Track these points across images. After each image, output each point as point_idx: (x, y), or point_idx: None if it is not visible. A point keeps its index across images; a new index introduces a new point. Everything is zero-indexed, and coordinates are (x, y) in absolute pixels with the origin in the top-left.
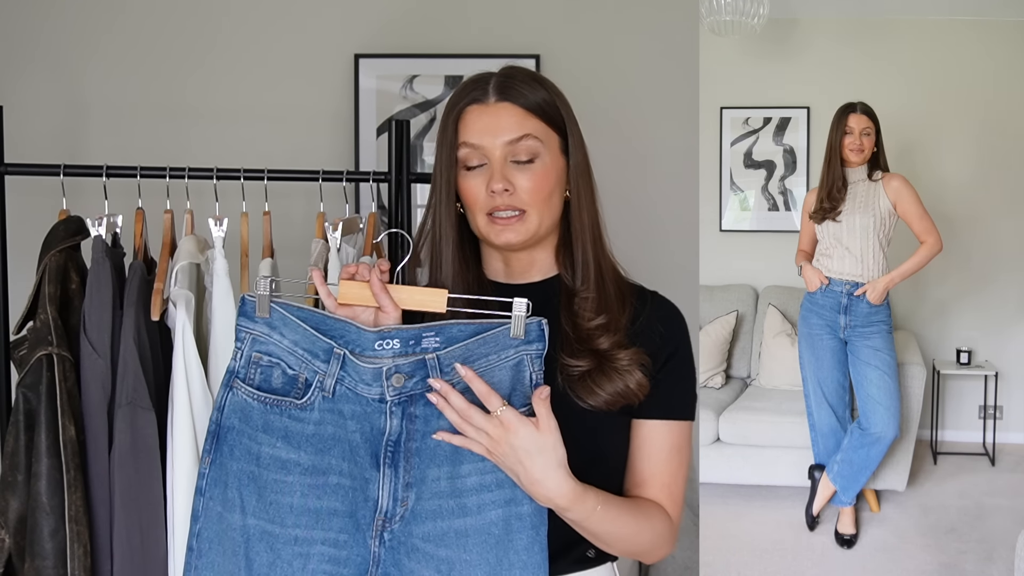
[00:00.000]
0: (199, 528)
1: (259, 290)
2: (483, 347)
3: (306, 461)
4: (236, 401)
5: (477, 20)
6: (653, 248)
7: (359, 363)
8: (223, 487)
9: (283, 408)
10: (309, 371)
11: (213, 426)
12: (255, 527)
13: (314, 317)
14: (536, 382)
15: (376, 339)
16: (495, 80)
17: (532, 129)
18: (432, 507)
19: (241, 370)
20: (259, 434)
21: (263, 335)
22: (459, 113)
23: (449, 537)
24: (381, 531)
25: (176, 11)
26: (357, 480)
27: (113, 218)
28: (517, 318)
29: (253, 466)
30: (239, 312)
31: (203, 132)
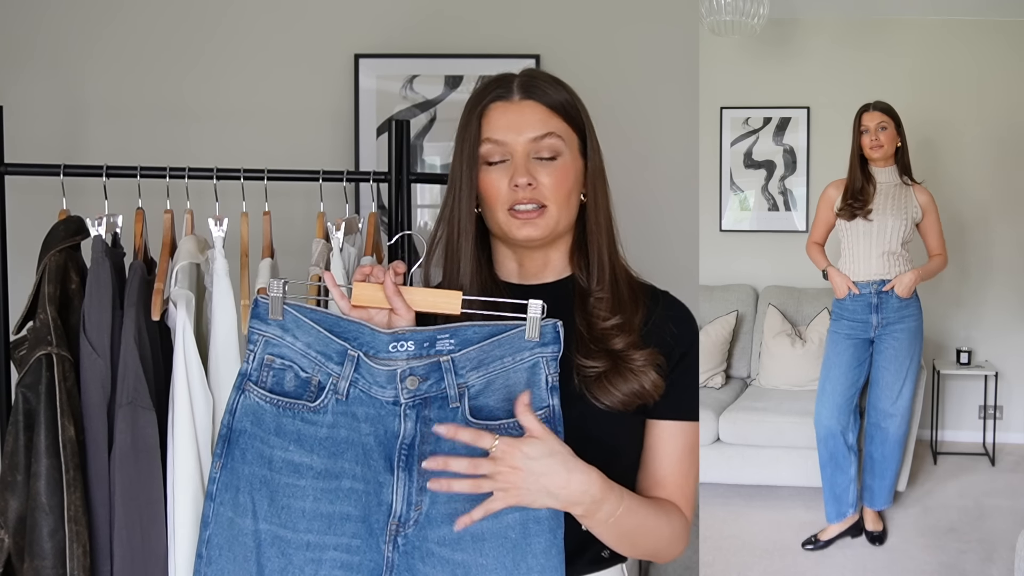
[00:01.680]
0: (209, 534)
1: (272, 292)
2: (498, 349)
3: (319, 465)
4: (248, 404)
5: (477, 20)
6: (653, 248)
7: (373, 365)
8: (235, 491)
9: (296, 411)
10: (322, 374)
11: (224, 430)
12: (267, 532)
13: (328, 319)
14: (552, 385)
15: (390, 341)
16: (519, 79)
17: (555, 127)
18: (447, 511)
19: (253, 373)
20: (271, 437)
21: (276, 337)
22: (483, 110)
23: (465, 541)
24: (395, 536)
25: (176, 11)
26: (371, 484)
27: (113, 218)
28: (532, 320)
29: (265, 470)
30: (251, 314)
31: (203, 132)
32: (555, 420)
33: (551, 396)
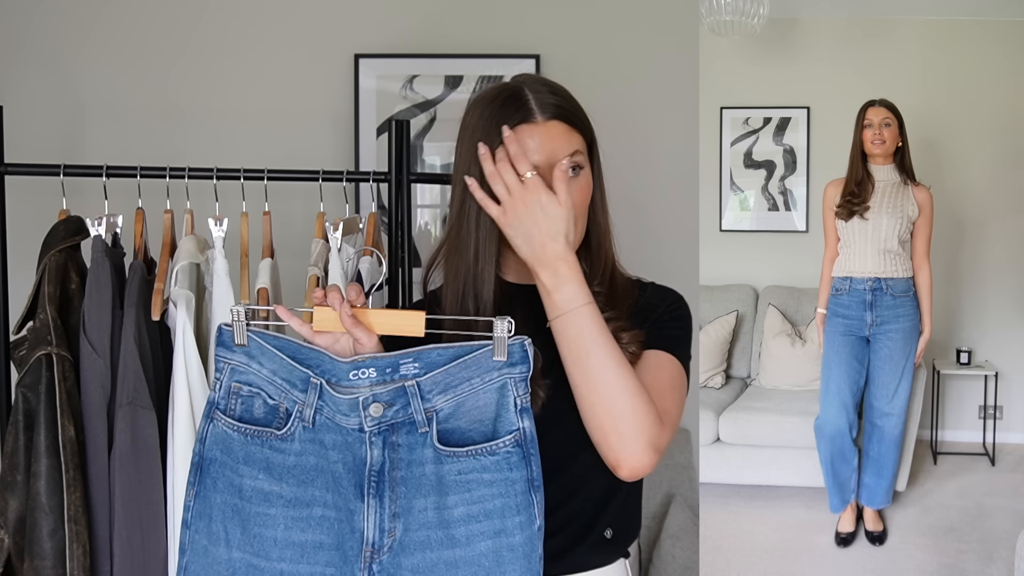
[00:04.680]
0: (186, 562)
1: (235, 319)
2: (465, 371)
3: (288, 493)
4: (217, 432)
5: (477, 20)
6: (653, 248)
7: (335, 394)
8: (207, 520)
9: (264, 439)
10: (289, 401)
11: (196, 458)
12: (240, 560)
13: (290, 346)
14: (521, 407)
15: (350, 369)
16: (535, 97)
17: (577, 144)
18: (420, 538)
19: (221, 401)
20: (240, 466)
21: (242, 364)
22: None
23: (439, 568)
24: (370, 563)
25: (176, 11)
26: (342, 512)
27: (113, 218)
28: (499, 340)
29: (236, 498)
30: (217, 342)
31: (203, 132)
32: (527, 442)
33: (520, 419)
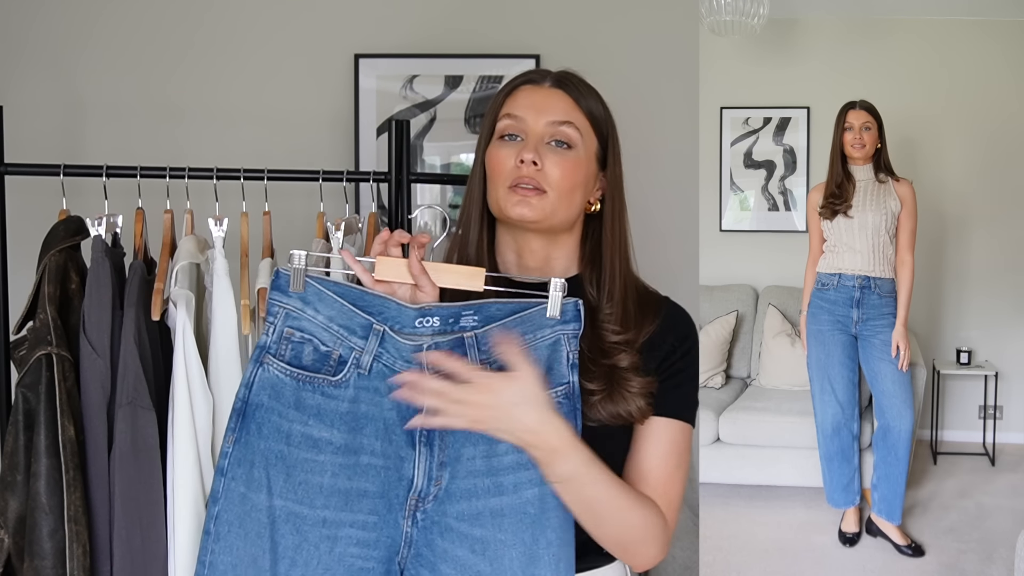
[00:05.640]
0: (218, 510)
1: (295, 264)
2: (521, 326)
3: (338, 440)
4: (267, 377)
5: (477, 20)
6: (653, 248)
7: (399, 339)
8: (248, 466)
9: (316, 385)
10: (344, 348)
11: (239, 403)
12: (281, 508)
13: (352, 292)
14: (572, 362)
15: (417, 316)
16: (557, 72)
17: (576, 120)
18: (467, 486)
19: (273, 345)
20: (290, 411)
21: (296, 310)
22: (511, 90)
23: (484, 516)
24: (414, 510)
25: (177, 11)
26: (391, 459)
27: (113, 218)
28: (554, 298)
29: (282, 444)
30: (272, 286)
31: (203, 132)
32: (574, 397)
33: (571, 373)
